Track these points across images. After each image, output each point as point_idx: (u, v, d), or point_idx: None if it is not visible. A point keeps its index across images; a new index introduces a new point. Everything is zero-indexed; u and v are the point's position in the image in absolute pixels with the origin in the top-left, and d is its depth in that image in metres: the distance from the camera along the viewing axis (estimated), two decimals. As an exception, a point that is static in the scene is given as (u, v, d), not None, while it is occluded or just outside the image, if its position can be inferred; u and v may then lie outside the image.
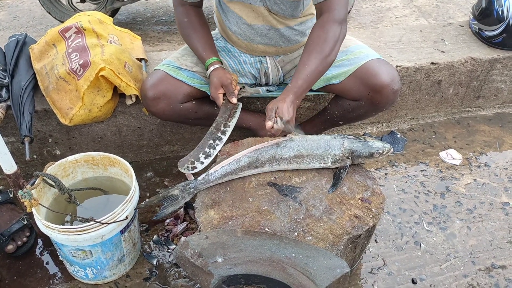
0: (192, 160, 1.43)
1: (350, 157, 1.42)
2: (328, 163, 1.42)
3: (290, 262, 1.15)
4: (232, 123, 1.55)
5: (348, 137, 1.45)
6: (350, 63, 1.63)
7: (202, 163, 1.43)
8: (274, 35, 1.64)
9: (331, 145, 1.42)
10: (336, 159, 1.42)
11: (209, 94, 1.64)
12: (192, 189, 1.37)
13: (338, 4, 1.47)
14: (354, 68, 1.61)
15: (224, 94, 1.60)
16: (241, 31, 1.65)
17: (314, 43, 1.47)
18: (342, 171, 1.42)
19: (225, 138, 1.51)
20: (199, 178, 1.37)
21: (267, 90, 1.77)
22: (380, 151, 1.43)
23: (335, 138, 1.43)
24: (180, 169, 1.39)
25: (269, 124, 1.37)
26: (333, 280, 1.11)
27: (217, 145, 1.48)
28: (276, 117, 1.38)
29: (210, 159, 1.45)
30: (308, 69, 1.44)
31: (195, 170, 1.40)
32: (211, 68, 1.59)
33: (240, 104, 1.61)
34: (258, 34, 1.63)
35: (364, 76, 1.59)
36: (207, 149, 1.47)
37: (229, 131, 1.53)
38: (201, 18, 1.67)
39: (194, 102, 1.68)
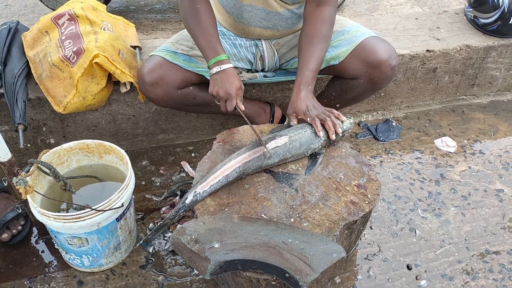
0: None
1: (326, 145, 1.48)
2: (307, 155, 1.48)
3: (286, 247, 1.15)
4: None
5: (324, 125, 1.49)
6: (347, 42, 1.63)
7: None
8: (272, 18, 1.63)
9: (312, 140, 1.45)
10: (315, 151, 1.47)
11: (207, 77, 1.61)
12: (182, 213, 1.36)
13: None
14: (352, 47, 1.61)
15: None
16: (238, 13, 1.62)
17: (313, 29, 1.52)
18: (318, 156, 1.47)
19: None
20: (187, 201, 1.34)
21: (264, 75, 1.77)
22: (349, 130, 1.53)
23: (314, 131, 1.46)
24: None
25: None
26: (330, 265, 1.12)
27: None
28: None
29: None
30: (315, 56, 1.50)
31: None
32: (230, 65, 1.47)
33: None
34: (256, 16, 1.61)
35: (362, 53, 1.60)
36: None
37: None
38: (209, 6, 1.56)
39: (192, 88, 1.67)
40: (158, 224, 1.39)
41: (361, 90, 1.69)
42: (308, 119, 1.46)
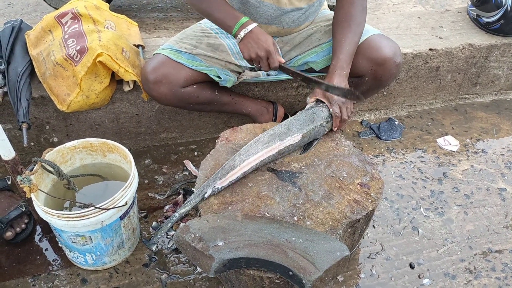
0: None
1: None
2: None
3: (290, 245, 1.16)
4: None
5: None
6: None
7: None
8: (279, 15, 1.63)
9: (319, 133, 1.52)
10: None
11: (211, 76, 1.64)
12: (195, 205, 1.36)
13: None
14: None
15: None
16: (244, 8, 1.63)
17: (344, 13, 1.56)
18: (315, 141, 1.52)
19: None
20: (205, 195, 1.33)
21: (267, 74, 1.77)
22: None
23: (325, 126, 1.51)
24: None
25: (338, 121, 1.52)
26: (333, 263, 1.12)
27: None
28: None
29: None
30: (348, 39, 1.53)
31: None
32: (255, 24, 1.46)
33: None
34: (263, 12, 1.61)
35: (366, 51, 1.61)
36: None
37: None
38: None
39: (195, 86, 1.67)
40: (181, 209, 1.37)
41: (365, 88, 1.69)
42: (331, 110, 1.50)
